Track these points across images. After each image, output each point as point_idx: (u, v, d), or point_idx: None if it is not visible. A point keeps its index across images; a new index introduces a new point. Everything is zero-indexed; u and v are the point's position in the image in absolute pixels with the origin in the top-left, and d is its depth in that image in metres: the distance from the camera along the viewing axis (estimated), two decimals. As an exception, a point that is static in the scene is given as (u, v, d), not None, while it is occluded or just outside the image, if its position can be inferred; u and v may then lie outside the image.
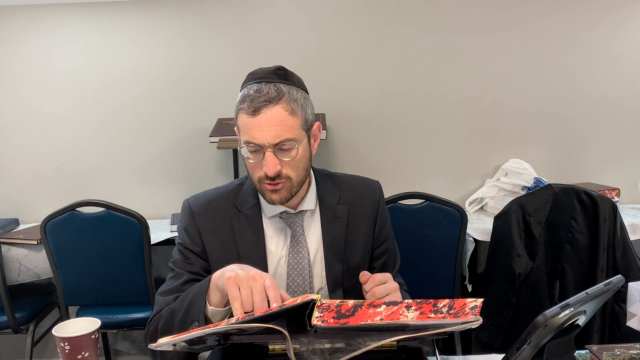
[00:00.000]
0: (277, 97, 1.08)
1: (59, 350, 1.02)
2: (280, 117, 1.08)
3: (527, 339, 0.83)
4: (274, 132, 1.07)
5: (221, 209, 1.22)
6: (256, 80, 1.11)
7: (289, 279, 1.21)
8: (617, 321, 1.95)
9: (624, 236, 1.97)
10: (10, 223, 2.57)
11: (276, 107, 1.08)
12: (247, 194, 1.23)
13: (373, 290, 1.06)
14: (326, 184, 1.28)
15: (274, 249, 1.22)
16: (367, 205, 1.28)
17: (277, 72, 1.13)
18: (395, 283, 1.10)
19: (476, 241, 2.28)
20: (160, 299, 1.17)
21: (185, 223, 1.22)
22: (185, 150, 2.79)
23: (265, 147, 1.08)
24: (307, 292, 1.22)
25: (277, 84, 1.10)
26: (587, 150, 2.80)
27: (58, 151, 2.78)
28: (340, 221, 1.24)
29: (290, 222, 1.22)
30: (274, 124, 1.07)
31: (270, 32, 2.71)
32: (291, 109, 1.09)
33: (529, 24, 2.71)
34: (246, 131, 1.09)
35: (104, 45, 2.72)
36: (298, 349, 0.90)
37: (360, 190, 1.30)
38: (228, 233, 1.20)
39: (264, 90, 1.08)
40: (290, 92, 1.10)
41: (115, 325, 2.24)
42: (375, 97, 2.76)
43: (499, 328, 2.06)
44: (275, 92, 1.08)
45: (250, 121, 1.08)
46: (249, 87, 1.11)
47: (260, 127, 1.07)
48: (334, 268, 1.22)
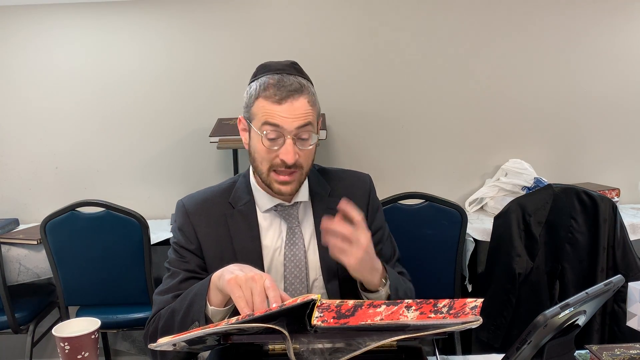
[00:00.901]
0: (301, 89, 1.13)
1: (59, 350, 1.02)
2: (305, 108, 1.13)
3: (527, 339, 0.82)
4: (299, 120, 1.11)
5: (215, 206, 1.23)
6: (276, 72, 1.14)
7: (285, 271, 1.22)
8: (617, 321, 1.95)
9: (624, 236, 1.97)
10: (10, 223, 2.57)
11: (301, 97, 1.12)
12: (241, 191, 1.25)
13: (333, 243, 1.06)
14: (317, 177, 1.30)
15: (269, 243, 1.23)
16: (358, 196, 1.29)
17: (293, 66, 1.18)
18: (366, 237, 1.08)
19: (476, 241, 2.28)
20: (158, 298, 1.17)
21: (180, 222, 1.24)
22: (185, 150, 2.79)
23: (289, 134, 1.11)
24: (303, 283, 1.23)
25: (296, 76, 1.14)
26: (587, 150, 2.80)
27: (58, 151, 2.78)
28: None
29: (286, 214, 1.24)
30: (299, 114, 1.12)
31: (270, 32, 2.71)
32: (312, 101, 1.15)
33: (529, 24, 2.71)
34: (268, 117, 1.11)
35: (104, 45, 2.72)
36: (298, 349, 0.90)
37: (351, 182, 1.31)
38: (223, 229, 1.21)
39: (287, 81, 1.12)
40: (309, 86, 1.16)
41: (115, 325, 2.25)
42: (375, 97, 2.76)
43: (499, 328, 2.06)
44: (298, 84, 1.13)
45: (274, 107, 1.11)
46: (268, 76, 1.14)
47: (286, 115, 1.11)
48: (329, 258, 1.22)
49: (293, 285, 1.22)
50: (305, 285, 1.23)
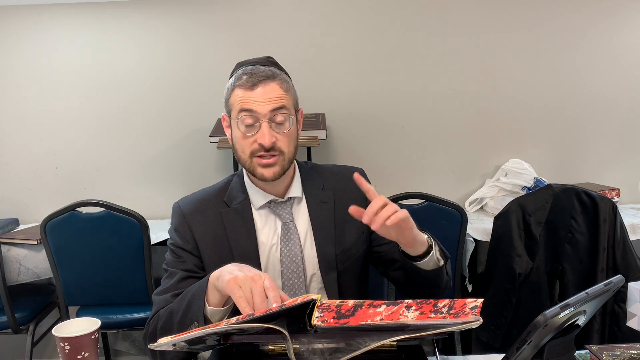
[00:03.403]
0: (273, 75, 1.17)
1: (59, 350, 1.01)
2: (277, 92, 1.16)
3: (527, 339, 0.83)
4: (272, 103, 1.15)
5: (211, 206, 1.25)
6: (249, 64, 1.20)
7: (282, 266, 1.22)
8: (617, 321, 1.95)
9: (624, 236, 1.97)
10: (10, 223, 2.57)
11: (273, 82, 1.16)
12: (235, 190, 1.26)
13: (379, 216, 1.01)
14: (309, 173, 1.31)
15: (265, 239, 1.23)
16: (353, 188, 1.27)
17: (267, 59, 1.23)
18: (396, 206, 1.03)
19: (476, 241, 2.28)
20: (157, 298, 1.18)
21: (176, 223, 1.26)
22: (185, 150, 2.79)
23: (262, 117, 1.14)
24: (301, 278, 1.23)
25: (270, 66, 1.19)
26: (587, 150, 2.80)
27: (58, 151, 2.78)
28: (327, 205, 1.27)
29: (279, 210, 1.24)
30: (271, 97, 1.15)
31: (270, 31, 2.71)
32: (285, 87, 1.18)
33: (529, 24, 2.71)
34: (243, 104, 1.15)
35: (104, 45, 2.72)
36: (298, 349, 0.90)
37: (344, 175, 1.31)
38: (219, 228, 1.22)
39: (259, 69, 1.17)
40: (282, 74, 1.20)
41: (115, 325, 2.25)
42: (375, 97, 2.76)
43: (499, 328, 2.06)
44: (270, 71, 1.17)
45: (248, 94, 1.15)
46: (243, 69, 1.19)
47: (258, 99, 1.14)
48: (326, 251, 1.24)
49: (291, 281, 1.22)
50: (303, 280, 1.23)
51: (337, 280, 1.24)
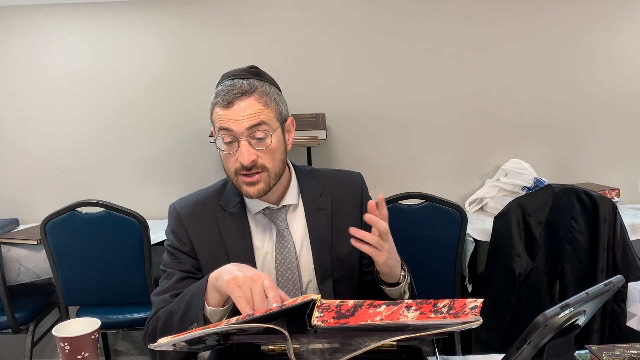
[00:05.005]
0: (250, 90, 1.13)
1: (59, 350, 1.01)
2: (253, 108, 1.12)
3: (527, 339, 0.82)
4: (248, 120, 1.11)
5: (207, 208, 1.24)
6: (229, 78, 1.17)
7: (277, 274, 1.22)
8: (617, 321, 1.95)
9: (624, 236, 1.97)
10: (10, 223, 2.57)
11: (249, 98, 1.12)
12: (231, 193, 1.25)
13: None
14: (307, 178, 1.29)
15: (260, 245, 1.23)
16: (351, 195, 1.29)
17: (249, 70, 1.19)
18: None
19: (476, 241, 2.28)
20: (156, 299, 1.18)
21: (173, 225, 1.25)
22: (185, 150, 2.79)
23: (240, 135, 1.11)
24: (296, 285, 1.22)
25: (250, 79, 1.15)
26: (587, 150, 2.80)
27: (58, 151, 2.78)
28: (325, 213, 1.26)
29: (274, 217, 1.24)
30: (247, 114, 1.11)
31: (270, 31, 2.71)
32: (264, 101, 1.13)
33: (529, 23, 2.71)
34: (221, 123, 1.13)
35: (104, 45, 2.72)
36: (298, 349, 0.90)
37: (342, 181, 1.31)
38: (215, 231, 1.22)
39: (237, 84, 1.13)
40: (263, 86, 1.15)
41: (115, 325, 2.24)
42: (375, 97, 2.76)
43: (499, 328, 2.06)
44: (248, 85, 1.13)
45: (224, 112, 1.12)
46: (222, 84, 1.16)
47: (234, 117, 1.11)
48: (323, 259, 1.23)
49: (286, 288, 1.22)
50: (298, 287, 1.23)
51: (333, 288, 1.23)
